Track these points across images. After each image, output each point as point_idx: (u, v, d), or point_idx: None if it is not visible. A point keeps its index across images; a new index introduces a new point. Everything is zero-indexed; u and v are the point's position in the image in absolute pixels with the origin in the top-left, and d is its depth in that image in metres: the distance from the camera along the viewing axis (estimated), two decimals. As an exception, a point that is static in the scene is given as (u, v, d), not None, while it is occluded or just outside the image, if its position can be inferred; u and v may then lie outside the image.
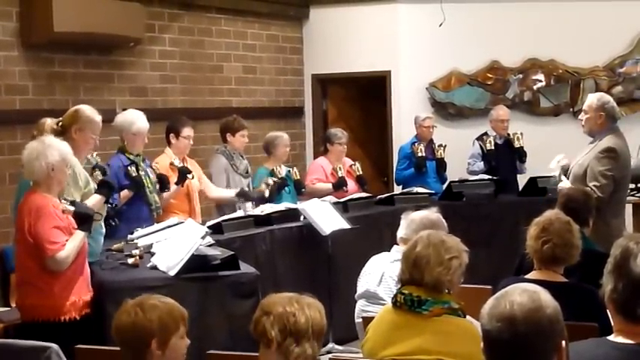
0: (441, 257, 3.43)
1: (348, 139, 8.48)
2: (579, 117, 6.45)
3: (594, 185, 5.93)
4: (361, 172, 8.32)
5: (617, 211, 6.15)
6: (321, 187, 8.04)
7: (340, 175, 8.05)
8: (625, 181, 6.36)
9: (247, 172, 7.45)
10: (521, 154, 8.74)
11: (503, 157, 8.75)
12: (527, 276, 4.06)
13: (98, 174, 5.44)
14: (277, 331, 2.85)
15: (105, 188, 5.20)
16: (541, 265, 4.06)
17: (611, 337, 2.32)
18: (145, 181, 6.29)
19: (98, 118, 5.39)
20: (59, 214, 4.63)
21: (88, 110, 5.37)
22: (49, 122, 5.30)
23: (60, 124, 5.25)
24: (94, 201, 5.08)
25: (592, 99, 6.34)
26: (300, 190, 7.84)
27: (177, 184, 6.64)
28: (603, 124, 6.19)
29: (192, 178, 6.81)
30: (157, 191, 6.40)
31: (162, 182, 6.46)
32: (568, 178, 6.22)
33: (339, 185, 8.01)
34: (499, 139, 8.86)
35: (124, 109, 6.78)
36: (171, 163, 6.76)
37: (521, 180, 8.54)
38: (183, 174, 6.66)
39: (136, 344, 3.07)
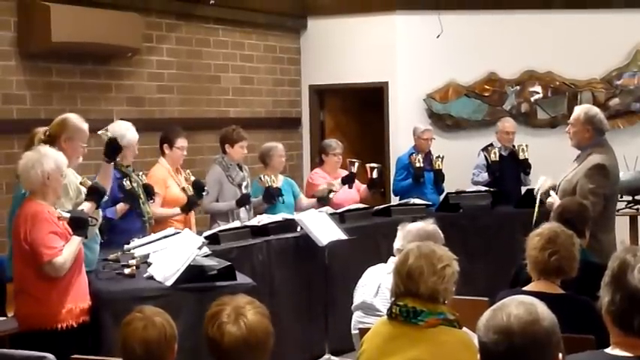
0: (434, 267, 3.41)
1: (345, 150, 8.46)
2: (566, 129, 6.31)
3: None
4: (376, 177, 8.26)
5: (607, 227, 5.94)
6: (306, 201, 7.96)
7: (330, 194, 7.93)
8: (615, 197, 6.25)
9: (246, 185, 7.39)
10: (525, 166, 8.71)
11: (508, 168, 8.75)
12: (525, 288, 4.05)
13: (87, 180, 5.41)
14: None
15: (94, 194, 5.15)
16: (540, 276, 4.05)
17: (609, 350, 2.31)
18: (138, 192, 6.28)
19: (85, 126, 5.35)
20: (55, 220, 4.62)
21: (76, 119, 5.34)
22: (37, 131, 5.28)
23: (47, 133, 5.23)
24: (85, 209, 5.04)
25: (579, 112, 6.18)
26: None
27: (189, 209, 6.72)
28: (591, 137, 6.06)
29: (206, 193, 6.87)
30: (147, 202, 6.39)
31: (148, 192, 6.43)
32: (557, 193, 6.13)
33: (322, 198, 7.90)
34: (504, 151, 8.87)
35: (121, 119, 6.75)
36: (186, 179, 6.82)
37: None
38: (199, 189, 6.75)
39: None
